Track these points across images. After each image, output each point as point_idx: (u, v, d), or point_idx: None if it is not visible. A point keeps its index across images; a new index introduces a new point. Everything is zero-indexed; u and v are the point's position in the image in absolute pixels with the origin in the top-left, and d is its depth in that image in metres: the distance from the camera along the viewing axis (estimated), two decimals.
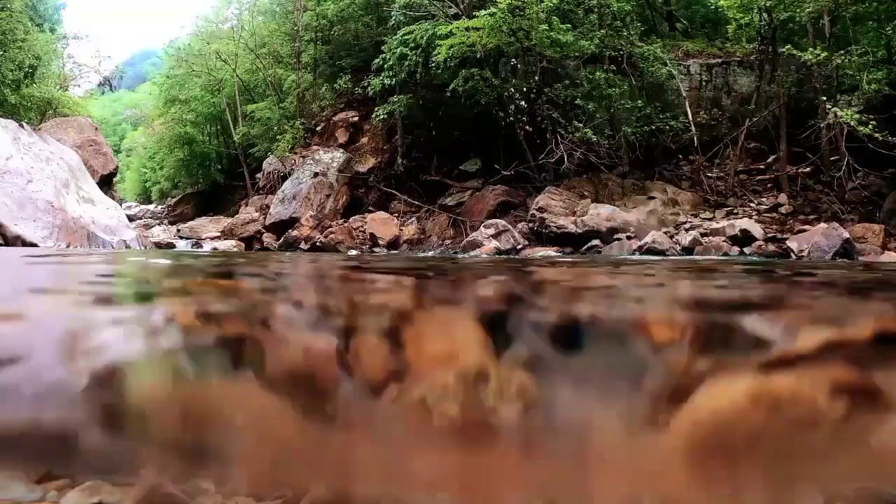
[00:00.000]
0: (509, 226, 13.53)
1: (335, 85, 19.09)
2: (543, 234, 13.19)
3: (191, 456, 1.41)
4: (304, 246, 15.02)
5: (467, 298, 2.80)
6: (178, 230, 18.99)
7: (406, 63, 15.52)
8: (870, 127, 11.15)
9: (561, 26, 13.96)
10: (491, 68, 15.00)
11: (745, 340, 1.69)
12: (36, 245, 9.56)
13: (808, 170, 13.74)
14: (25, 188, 10.33)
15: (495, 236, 13.10)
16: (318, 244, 14.95)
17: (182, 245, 15.48)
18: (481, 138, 16.29)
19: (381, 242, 14.91)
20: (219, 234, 17.43)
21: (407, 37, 15.62)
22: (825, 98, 12.62)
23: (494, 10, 13.65)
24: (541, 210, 13.39)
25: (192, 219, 22.21)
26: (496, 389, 1.36)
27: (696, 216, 13.41)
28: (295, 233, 15.58)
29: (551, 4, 13.68)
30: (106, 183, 19.08)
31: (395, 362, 1.54)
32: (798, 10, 13.04)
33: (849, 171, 12.39)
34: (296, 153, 18.36)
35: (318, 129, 19.41)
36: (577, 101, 14.26)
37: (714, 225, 12.61)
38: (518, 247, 12.98)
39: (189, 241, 16.43)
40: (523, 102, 14.29)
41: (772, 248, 11.46)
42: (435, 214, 16.03)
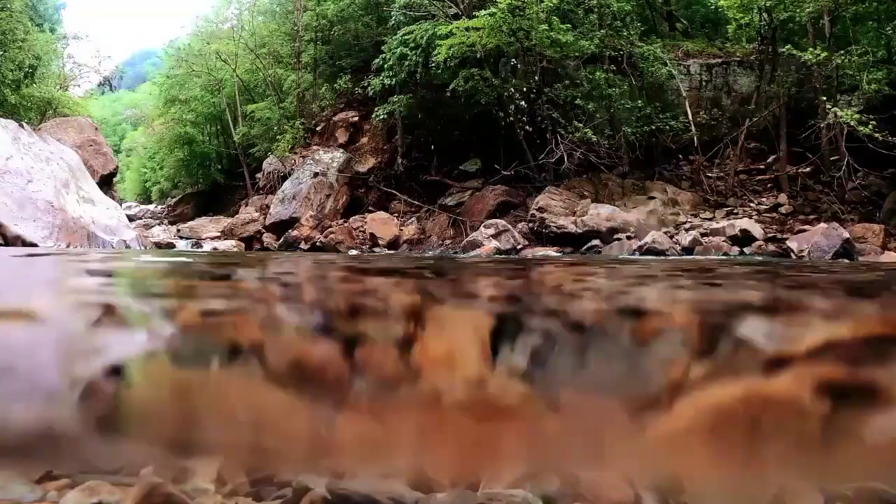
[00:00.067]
0: (509, 226, 13.53)
1: (335, 85, 19.09)
2: (543, 234, 13.19)
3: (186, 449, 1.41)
4: (304, 246, 15.03)
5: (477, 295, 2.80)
6: (178, 230, 18.99)
7: (406, 63, 15.52)
8: (870, 127, 11.15)
9: (561, 26, 13.96)
10: (491, 68, 15.00)
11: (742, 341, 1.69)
12: (36, 245, 9.56)
13: (808, 170, 13.74)
14: (25, 188, 10.33)
15: (495, 236, 13.10)
16: (318, 244, 14.95)
17: (182, 245, 15.49)
18: (481, 138, 16.29)
19: (381, 242, 14.91)
20: (219, 234, 17.43)
21: (407, 37, 15.62)
22: (825, 98, 12.62)
23: (494, 10, 13.65)
24: (541, 210, 13.39)
25: (192, 219, 22.19)
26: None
27: (696, 216, 13.41)
28: (295, 233, 15.58)
29: (551, 4, 13.68)
30: (106, 183, 19.08)
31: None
32: (798, 10, 13.04)
33: (849, 171, 12.38)
34: (296, 153, 18.35)
35: (318, 129, 19.41)
36: (577, 101, 14.26)
37: (714, 225, 12.61)
38: (518, 247, 12.98)
39: (189, 241, 16.43)
40: (523, 102, 14.28)
41: (772, 248, 11.46)
42: (435, 214, 16.03)
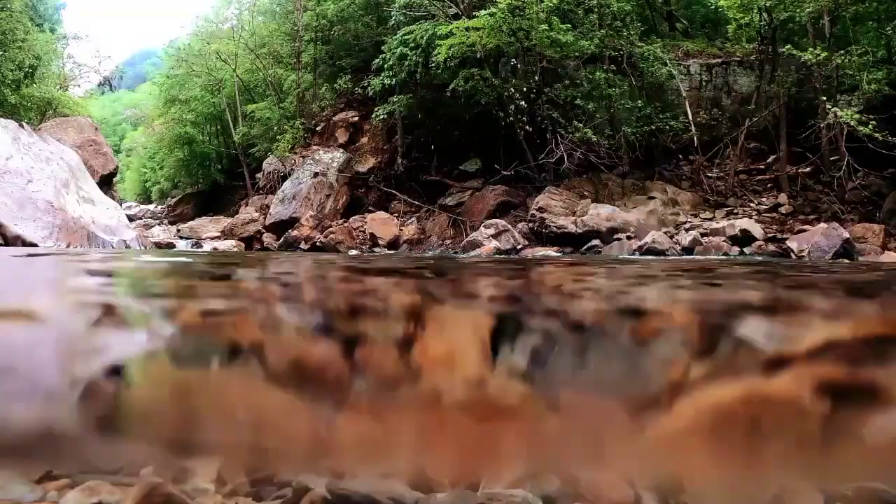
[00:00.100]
0: (509, 226, 13.53)
1: (335, 85, 19.08)
2: (543, 234, 13.19)
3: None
4: (304, 246, 15.03)
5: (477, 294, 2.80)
6: (178, 230, 18.99)
7: (406, 63, 15.52)
8: (870, 127, 11.15)
9: (561, 26, 13.96)
10: (491, 68, 15.00)
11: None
12: (36, 245, 9.56)
13: (808, 170, 13.73)
14: (25, 188, 10.33)
15: (495, 236, 13.10)
16: (318, 244, 14.95)
17: (182, 245, 15.49)
18: (481, 138, 16.28)
19: (381, 242, 14.91)
20: (219, 234, 17.43)
21: (407, 37, 15.62)
22: (825, 98, 12.61)
23: (494, 10, 13.65)
24: (541, 210, 13.39)
25: (192, 219, 22.19)
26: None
27: (696, 216, 13.41)
28: (295, 233, 15.58)
29: (551, 4, 13.67)
30: (106, 183, 19.08)
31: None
32: (798, 10, 13.04)
33: (849, 171, 12.38)
34: (296, 153, 18.35)
35: (318, 129, 19.41)
36: (577, 101, 14.26)
37: (714, 225, 12.61)
38: (518, 247, 12.98)
39: (189, 241, 16.43)
40: (523, 102, 14.28)
41: (772, 248, 11.46)
42: (435, 214, 16.02)
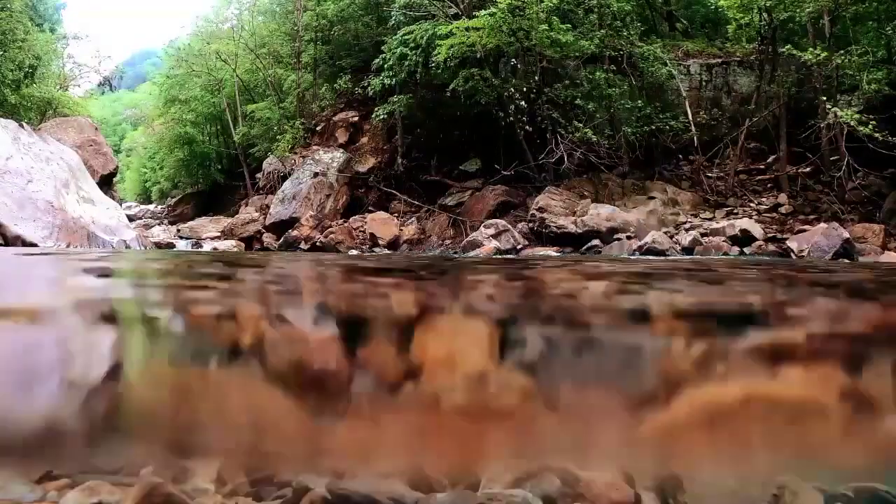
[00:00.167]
0: (509, 226, 13.52)
1: (335, 85, 19.08)
2: (543, 234, 13.18)
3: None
4: (304, 246, 15.02)
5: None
6: (178, 230, 18.99)
7: (406, 63, 15.52)
8: (870, 127, 11.15)
9: (561, 26, 13.95)
10: (491, 68, 15.00)
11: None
12: (36, 245, 9.56)
13: (808, 170, 13.73)
14: (25, 188, 10.33)
15: (495, 236, 13.10)
16: (318, 244, 14.94)
17: (182, 245, 15.48)
18: (481, 138, 16.28)
19: (381, 242, 14.91)
20: (219, 234, 17.43)
21: (407, 37, 15.62)
22: (825, 98, 12.61)
23: (494, 10, 13.65)
24: (541, 210, 13.39)
25: (192, 219, 22.19)
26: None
27: (696, 216, 13.41)
28: (295, 233, 15.58)
29: (551, 4, 13.67)
30: (106, 183, 19.07)
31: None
32: (798, 10, 13.04)
33: (849, 171, 12.38)
34: (296, 153, 18.35)
35: (318, 129, 19.40)
36: (577, 101, 14.25)
37: (714, 225, 12.61)
38: (518, 247, 12.98)
39: (189, 241, 16.43)
40: (523, 102, 14.28)
41: (772, 248, 11.46)
42: (435, 214, 16.02)
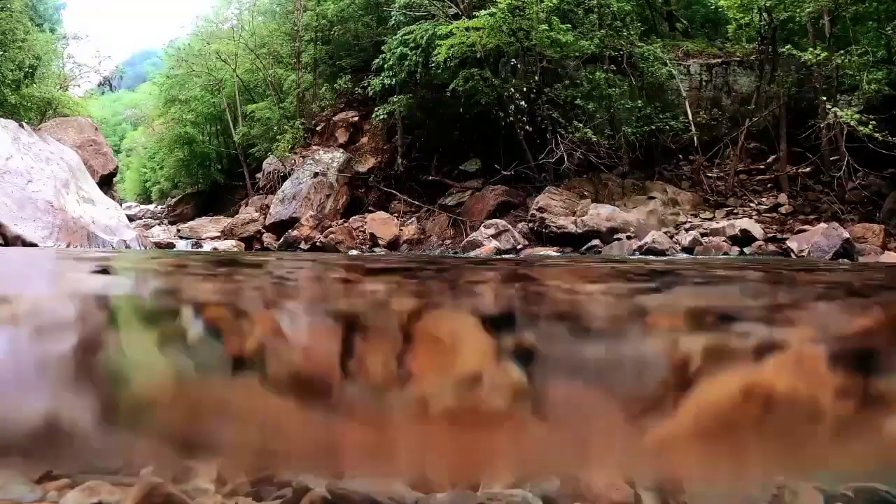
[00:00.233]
0: (509, 226, 13.52)
1: (335, 85, 19.08)
2: (543, 234, 13.18)
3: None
4: (304, 246, 15.02)
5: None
6: (178, 230, 18.99)
7: (406, 63, 15.52)
8: (870, 127, 11.14)
9: (561, 26, 13.95)
10: (491, 68, 15.00)
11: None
12: (36, 245, 9.56)
13: (808, 170, 13.73)
14: (25, 188, 10.33)
15: (495, 236, 13.10)
16: (318, 244, 14.94)
17: (182, 245, 15.49)
18: (481, 138, 16.28)
19: (381, 242, 14.91)
20: (219, 234, 17.43)
21: (407, 37, 15.61)
22: (825, 98, 12.61)
23: (494, 10, 13.64)
24: (541, 210, 13.39)
25: (192, 219, 22.19)
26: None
27: (696, 216, 13.40)
28: (295, 233, 15.58)
29: (551, 4, 13.67)
30: (106, 183, 19.07)
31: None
32: (798, 10, 13.04)
33: (849, 171, 12.38)
34: (296, 153, 18.35)
35: (318, 129, 19.40)
36: (577, 101, 14.25)
37: (714, 225, 12.60)
38: (518, 247, 12.98)
39: (189, 241, 16.43)
40: (523, 102, 14.27)
41: (772, 248, 11.45)
42: (435, 214, 16.02)
